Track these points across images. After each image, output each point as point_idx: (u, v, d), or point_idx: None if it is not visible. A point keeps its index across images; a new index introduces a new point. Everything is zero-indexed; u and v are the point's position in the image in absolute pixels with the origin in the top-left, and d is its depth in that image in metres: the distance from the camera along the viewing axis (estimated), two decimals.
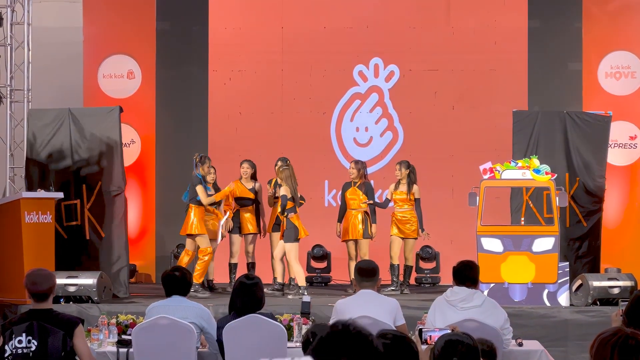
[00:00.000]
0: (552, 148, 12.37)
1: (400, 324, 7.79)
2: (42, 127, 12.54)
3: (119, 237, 12.37)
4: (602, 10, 15.03)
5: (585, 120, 12.52)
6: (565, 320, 11.02)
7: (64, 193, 12.17)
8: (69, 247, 12.34)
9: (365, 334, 2.97)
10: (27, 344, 6.40)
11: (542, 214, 12.26)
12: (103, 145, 12.44)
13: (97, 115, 12.65)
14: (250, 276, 7.60)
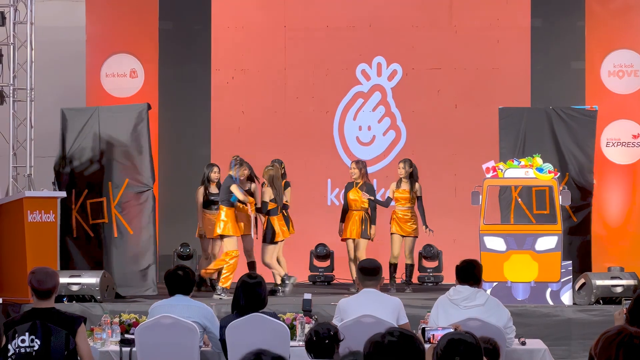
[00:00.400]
0: (539, 144, 12.32)
1: (403, 322, 7.79)
2: (71, 125, 12.48)
3: (147, 234, 12.23)
4: (605, 8, 15.02)
5: (572, 115, 12.48)
6: (568, 319, 11.01)
7: (89, 191, 12.12)
8: (95, 245, 12.26)
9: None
10: (30, 343, 6.40)
11: (531, 211, 12.22)
12: (131, 142, 12.33)
13: (126, 112, 12.56)
14: (252, 275, 7.60)
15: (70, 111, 12.76)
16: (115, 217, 12.25)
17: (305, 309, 9.12)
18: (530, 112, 12.68)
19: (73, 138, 12.49)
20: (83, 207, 12.22)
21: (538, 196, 12.13)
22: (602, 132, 14.95)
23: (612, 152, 14.94)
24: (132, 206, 12.26)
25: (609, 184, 14.89)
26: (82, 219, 12.20)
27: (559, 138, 12.33)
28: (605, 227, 14.80)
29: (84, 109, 12.82)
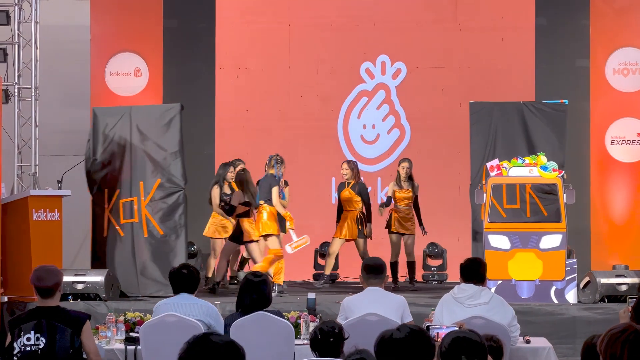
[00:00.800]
0: (511, 138, 12.28)
1: (407, 321, 7.79)
2: (103, 125, 12.41)
3: (177, 235, 12.16)
4: (609, 6, 15.00)
5: (543, 109, 12.44)
6: (573, 317, 11.00)
7: (121, 190, 12.11)
8: (125, 244, 12.20)
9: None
10: (35, 341, 6.41)
11: (502, 205, 12.18)
12: (163, 143, 12.25)
13: (158, 112, 12.48)
14: (257, 274, 7.61)
15: (102, 110, 12.66)
16: (145, 217, 12.15)
17: (309, 308, 9.13)
18: (502, 107, 12.59)
19: (104, 137, 12.38)
20: (115, 206, 12.16)
21: (508, 191, 12.10)
22: (607, 130, 14.95)
23: (616, 150, 14.92)
24: (163, 207, 12.18)
25: (614, 182, 14.88)
26: (113, 219, 12.15)
27: (530, 132, 12.26)
28: (610, 225, 14.80)
29: (116, 109, 12.72)
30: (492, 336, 5.38)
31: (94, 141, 12.42)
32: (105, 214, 12.23)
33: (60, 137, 15.29)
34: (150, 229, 12.16)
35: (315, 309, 9.23)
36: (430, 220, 13.95)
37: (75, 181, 13.47)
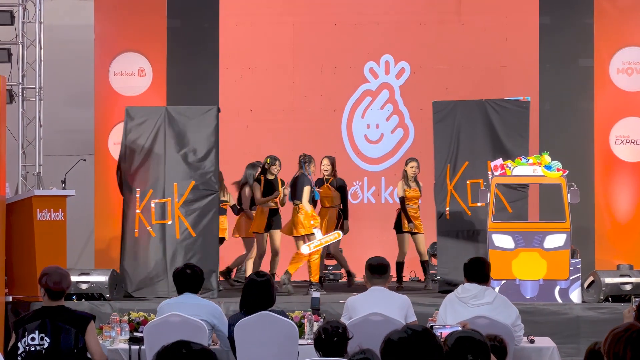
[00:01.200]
0: (474, 136, 12.22)
1: (411, 320, 7.80)
2: (137, 125, 12.31)
3: (210, 237, 12.14)
4: (613, 5, 14.99)
5: (505, 107, 12.40)
6: (577, 317, 11.00)
7: (154, 191, 12.09)
8: (157, 245, 12.14)
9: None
10: (39, 341, 6.42)
11: (467, 203, 12.17)
12: (198, 144, 12.18)
13: (194, 114, 12.38)
14: (261, 273, 7.61)
15: (136, 110, 12.55)
16: (178, 219, 12.10)
17: (313, 308, 9.13)
18: (464, 105, 12.54)
19: (137, 137, 12.28)
20: (147, 207, 12.12)
21: (473, 188, 12.10)
22: (611, 129, 14.94)
23: (620, 150, 14.91)
24: (196, 209, 12.13)
25: (618, 181, 14.87)
26: (145, 219, 12.13)
27: (492, 129, 12.22)
28: (614, 224, 14.79)
29: (150, 109, 12.62)
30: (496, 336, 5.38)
31: (126, 141, 12.30)
32: (137, 214, 12.14)
33: (65, 137, 15.30)
34: (183, 230, 12.09)
35: (320, 308, 9.24)
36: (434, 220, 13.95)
37: (79, 181, 13.49)
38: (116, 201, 15.38)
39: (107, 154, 15.42)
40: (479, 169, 12.12)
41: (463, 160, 12.25)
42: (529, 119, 12.36)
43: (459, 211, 12.19)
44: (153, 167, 12.22)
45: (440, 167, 12.29)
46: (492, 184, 11.47)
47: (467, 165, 12.22)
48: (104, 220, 15.35)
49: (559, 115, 14.99)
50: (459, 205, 12.20)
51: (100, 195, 15.38)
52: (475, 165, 12.19)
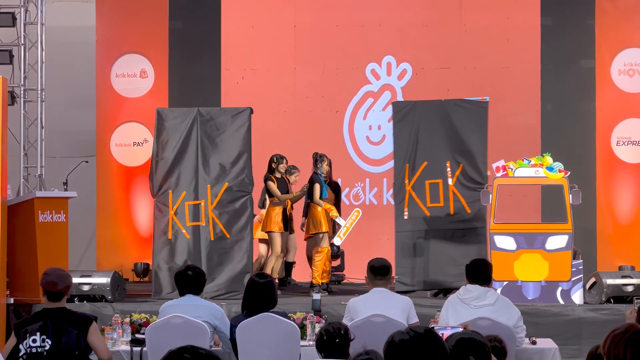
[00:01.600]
0: (433, 136, 12.13)
1: (413, 322, 7.79)
2: (169, 126, 12.20)
3: (243, 238, 12.07)
4: (615, 6, 14.99)
5: (464, 107, 12.36)
6: (579, 318, 10.99)
7: (187, 192, 12.06)
8: (191, 247, 12.09)
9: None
10: (41, 343, 6.42)
11: (425, 203, 12.13)
12: (231, 146, 12.13)
13: (227, 115, 12.32)
14: (263, 275, 7.61)
15: (167, 111, 12.46)
16: (212, 220, 12.04)
17: (314, 309, 9.13)
18: (423, 105, 12.48)
19: (169, 139, 12.19)
20: (180, 208, 12.10)
21: (432, 189, 12.07)
22: (613, 130, 14.94)
23: (622, 151, 14.91)
24: (230, 210, 12.08)
25: (619, 182, 14.87)
26: (178, 221, 12.11)
27: (451, 129, 12.18)
28: (616, 225, 14.78)
29: (182, 110, 12.51)
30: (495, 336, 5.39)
31: (158, 142, 12.19)
32: (170, 216, 12.06)
33: (66, 139, 15.32)
34: (217, 232, 12.05)
35: (321, 309, 9.23)
36: None
37: (80, 182, 13.50)
38: (118, 203, 15.42)
39: (109, 156, 15.44)
40: (438, 169, 12.07)
41: (422, 160, 12.13)
42: (487, 119, 12.29)
43: (418, 211, 12.12)
44: (186, 168, 12.13)
45: (399, 167, 12.21)
46: (495, 185, 11.46)
47: (425, 165, 12.13)
48: (106, 221, 15.37)
49: (561, 116, 14.99)
50: (417, 205, 12.12)
51: (102, 196, 15.39)
52: (434, 165, 12.11)
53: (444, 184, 12.01)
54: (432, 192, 12.04)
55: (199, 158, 12.14)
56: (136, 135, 15.52)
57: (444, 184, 12.02)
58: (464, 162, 12.09)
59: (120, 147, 15.50)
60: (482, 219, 12.09)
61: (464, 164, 12.08)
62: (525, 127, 14.97)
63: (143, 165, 15.43)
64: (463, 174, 12.08)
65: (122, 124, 15.52)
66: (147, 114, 15.42)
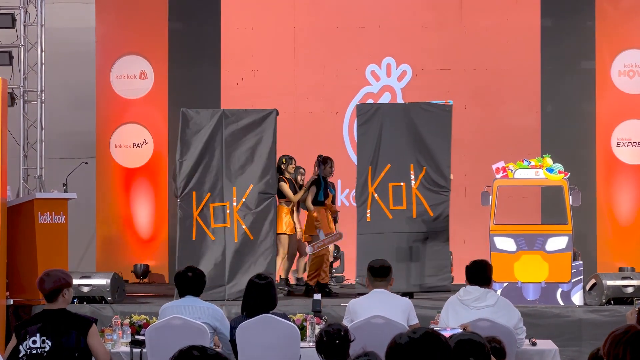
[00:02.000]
0: (397, 139, 12.08)
1: (413, 323, 7.79)
2: (193, 127, 12.15)
3: (268, 240, 12.03)
4: (615, 8, 14.99)
5: (428, 110, 12.33)
6: (579, 319, 10.98)
7: (212, 194, 12.01)
8: (216, 249, 12.04)
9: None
10: (41, 344, 6.42)
11: (388, 206, 12.09)
12: (257, 147, 12.07)
13: (252, 117, 12.26)
14: (262, 276, 7.60)
15: (191, 112, 12.35)
16: (237, 222, 12.00)
17: (314, 310, 9.12)
18: (387, 108, 12.44)
19: (194, 140, 12.12)
20: (205, 210, 12.04)
21: (395, 192, 12.05)
22: (613, 132, 14.94)
23: (622, 152, 14.90)
24: (254, 212, 12.02)
25: (619, 183, 14.86)
26: (202, 222, 12.08)
27: (415, 133, 12.14)
28: (616, 226, 14.78)
29: (207, 111, 12.42)
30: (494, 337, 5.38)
31: (182, 143, 12.14)
32: (194, 217, 12.00)
33: (66, 140, 15.31)
34: (242, 233, 12.01)
35: (321, 310, 9.22)
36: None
37: (80, 184, 13.49)
38: (118, 204, 15.42)
39: (108, 157, 15.44)
40: (401, 172, 12.04)
41: (385, 163, 12.08)
42: (450, 123, 12.29)
43: (380, 214, 12.07)
44: (210, 170, 12.09)
45: (362, 170, 12.17)
46: (494, 187, 11.45)
47: (389, 168, 12.10)
48: (106, 223, 15.36)
49: (561, 117, 14.99)
50: (380, 208, 12.08)
51: (101, 198, 15.39)
52: (398, 168, 12.07)
53: (407, 187, 11.98)
54: (395, 195, 12.01)
55: (224, 159, 12.09)
56: (136, 137, 15.51)
57: (407, 187, 11.99)
58: (427, 165, 12.06)
59: (120, 148, 15.49)
60: (445, 222, 12.06)
61: (427, 168, 12.05)
62: (525, 128, 14.96)
63: (143, 166, 15.43)
64: (426, 177, 12.04)
65: (121, 125, 15.51)
66: (146, 115, 15.44)
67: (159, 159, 15.50)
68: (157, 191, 15.48)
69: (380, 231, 12.00)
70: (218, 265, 11.95)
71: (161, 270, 15.34)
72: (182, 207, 12.06)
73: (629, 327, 3.56)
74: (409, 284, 11.88)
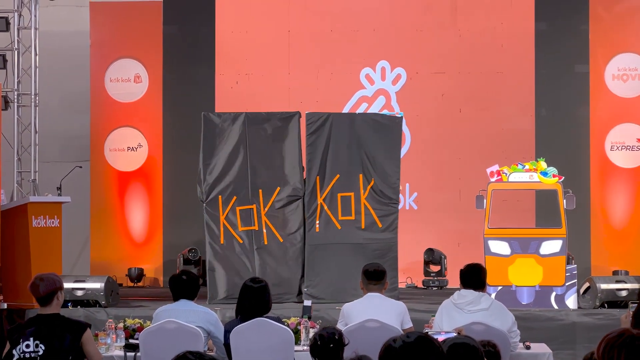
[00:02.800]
0: (346, 149, 12.04)
1: (407, 327, 7.79)
2: (216, 130, 12.12)
3: (297, 242, 12.00)
4: (609, 12, 15.01)
5: (377, 121, 12.31)
6: (573, 323, 10.99)
7: (238, 197, 11.96)
8: (244, 252, 11.98)
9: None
10: (34, 348, 6.41)
11: (337, 216, 12.05)
12: (281, 150, 12.07)
13: (276, 119, 12.25)
14: (257, 279, 7.60)
15: (214, 115, 12.36)
16: (265, 225, 11.96)
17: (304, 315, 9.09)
18: (336, 118, 12.35)
19: (218, 143, 12.08)
20: (231, 213, 12.00)
21: (343, 202, 12.01)
22: (607, 135, 14.96)
23: (616, 156, 14.92)
24: (282, 214, 12.01)
25: (613, 187, 14.88)
26: (229, 226, 12.03)
27: (363, 143, 12.09)
28: (610, 230, 14.79)
29: (229, 114, 12.38)
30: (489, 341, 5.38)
31: (205, 147, 12.09)
32: (221, 220, 11.97)
33: (60, 144, 15.31)
34: (271, 236, 11.99)
35: (311, 316, 9.19)
36: (430, 226, 13.95)
37: (74, 187, 13.48)
38: (112, 208, 15.40)
39: (103, 160, 15.43)
40: (350, 182, 11.98)
41: (334, 173, 12.01)
42: (400, 134, 12.27)
43: (329, 224, 12.04)
44: (236, 173, 12.04)
45: (311, 179, 12.07)
46: (489, 190, 11.47)
47: (338, 178, 12.04)
48: (100, 226, 15.35)
49: (555, 121, 15.00)
50: (329, 218, 12.05)
51: (96, 201, 15.38)
52: (347, 178, 11.99)
53: (356, 197, 11.94)
54: (344, 206, 11.97)
55: (249, 162, 12.06)
56: (130, 140, 15.50)
57: (355, 197, 11.95)
58: (376, 176, 12.00)
59: (115, 151, 15.48)
60: (394, 233, 12.01)
61: (375, 179, 12.00)
62: (519, 131, 14.98)
63: (137, 170, 15.42)
64: (375, 188, 11.98)
65: (116, 128, 15.50)
66: (141, 119, 15.43)
67: (153, 163, 15.49)
68: (152, 195, 15.47)
69: (329, 242, 11.95)
70: (247, 268, 11.92)
71: (156, 274, 15.33)
72: (208, 212, 12.00)
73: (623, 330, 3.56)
74: (358, 296, 11.82)
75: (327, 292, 11.84)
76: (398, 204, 12.16)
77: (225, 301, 11.61)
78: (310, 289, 11.86)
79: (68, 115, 15.51)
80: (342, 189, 11.99)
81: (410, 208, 15.01)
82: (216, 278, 11.95)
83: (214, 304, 11.38)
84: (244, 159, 12.09)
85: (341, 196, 11.96)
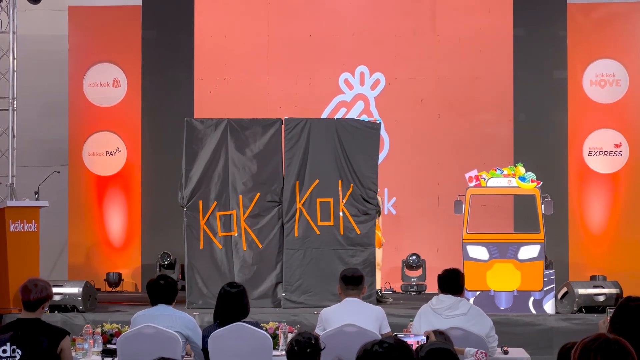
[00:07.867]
0: (325, 154, 12.11)
1: (385, 332, 7.79)
2: (198, 136, 12.14)
3: (276, 248, 12.03)
4: (587, 18, 15.09)
5: (355, 127, 12.34)
6: (550, 327, 11.03)
7: (218, 203, 11.95)
8: (223, 257, 12.00)
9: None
10: (11, 353, 6.38)
11: (316, 222, 12.08)
12: (263, 156, 12.09)
13: (258, 126, 12.25)
14: (234, 284, 7.58)
15: (196, 121, 12.35)
16: (244, 230, 11.98)
17: None
18: (315, 123, 12.41)
19: (200, 149, 12.11)
20: (212, 218, 12.00)
21: (322, 208, 12.04)
22: (585, 141, 15.03)
23: (594, 161, 15.00)
24: (262, 220, 12.03)
25: (592, 192, 14.95)
26: (209, 231, 12.02)
27: (342, 150, 12.09)
28: (588, 235, 14.86)
29: (211, 120, 12.39)
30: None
31: (187, 152, 12.13)
32: (201, 226, 11.98)
33: (38, 148, 15.25)
34: (250, 242, 12.01)
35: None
36: (409, 231, 13.96)
37: (52, 192, 13.42)
38: (90, 212, 15.35)
39: (81, 165, 15.38)
40: (329, 188, 12.01)
41: (313, 178, 12.05)
42: (379, 141, 12.32)
43: (308, 229, 12.06)
44: (216, 179, 12.08)
45: (290, 184, 12.11)
46: (467, 195, 11.49)
47: (317, 183, 12.08)
48: (78, 231, 15.30)
49: (533, 126, 15.06)
50: (307, 223, 12.07)
51: (74, 206, 15.33)
52: (326, 184, 12.03)
53: (335, 203, 11.98)
54: (323, 211, 12.00)
55: (230, 168, 12.10)
56: (109, 145, 15.47)
57: (334, 203, 11.98)
58: (354, 182, 12.03)
59: (93, 156, 15.44)
60: (371, 239, 12.05)
61: (354, 185, 12.03)
62: (498, 137, 15.03)
63: (116, 174, 15.39)
64: (353, 194, 12.01)
65: (94, 133, 15.46)
66: (119, 123, 15.39)
67: (132, 167, 15.45)
68: (130, 199, 15.43)
69: (307, 247, 11.97)
70: (226, 273, 11.93)
71: (134, 279, 15.29)
72: (189, 216, 12.04)
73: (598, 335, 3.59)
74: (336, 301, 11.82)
75: (305, 297, 11.86)
76: (375, 209, 12.17)
77: (203, 306, 11.61)
78: (288, 294, 11.86)
79: (46, 120, 15.45)
80: (322, 194, 12.01)
81: (389, 213, 15.03)
82: (195, 283, 11.95)
83: (193, 309, 11.37)
84: (224, 165, 12.11)
85: (320, 201, 11.98)
